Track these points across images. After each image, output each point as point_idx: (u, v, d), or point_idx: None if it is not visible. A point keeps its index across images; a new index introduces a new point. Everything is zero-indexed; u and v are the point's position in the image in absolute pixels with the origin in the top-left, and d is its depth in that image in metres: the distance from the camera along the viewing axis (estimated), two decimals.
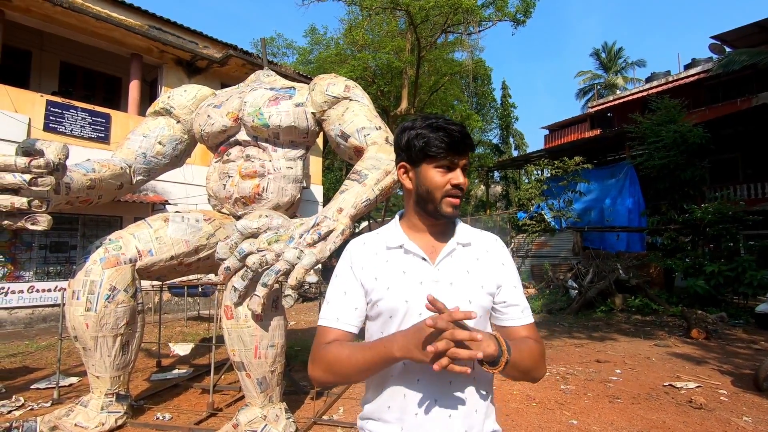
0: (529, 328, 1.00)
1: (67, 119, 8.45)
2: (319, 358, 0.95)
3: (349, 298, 0.99)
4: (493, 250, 1.05)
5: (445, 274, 0.97)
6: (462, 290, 0.96)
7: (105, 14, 8.73)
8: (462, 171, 0.98)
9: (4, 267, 7.81)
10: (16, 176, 2.38)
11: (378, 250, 1.02)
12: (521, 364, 0.90)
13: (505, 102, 26.90)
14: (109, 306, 2.79)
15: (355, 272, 1.01)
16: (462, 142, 0.96)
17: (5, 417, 3.13)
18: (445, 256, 0.99)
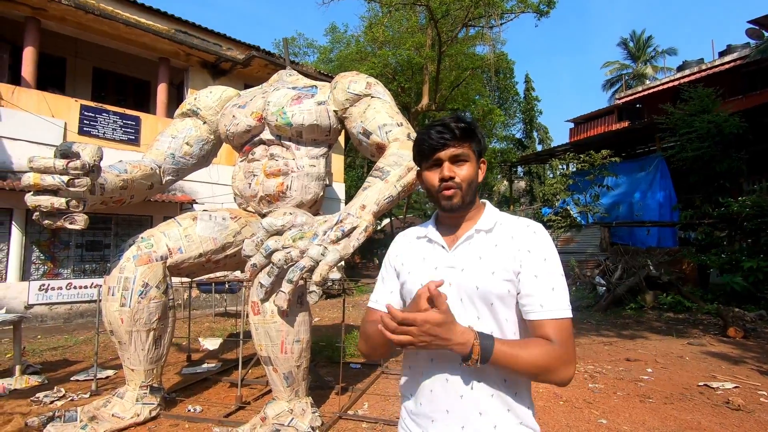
0: (554, 326, 0.92)
1: (100, 123, 8.79)
2: (362, 332, 1.10)
3: (386, 283, 1.13)
4: (519, 237, 1.00)
5: (459, 260, 1.01)
6: (470, 276, 0.97)
7: (134, 20, 9.02)
8: (453, 162, 1.01)
9: (44, 265, 8.22)
10: (55, 178, 2.49)
11: (411, 240, 1.14)
12: (511, 366, 0.88)
13: (528, 95, 26.36)
14: (142, 302, 2.90)
15: (390, 260, 1.14)
16: (440, 136, 0.99)
17: (48, 407, 3.30)
18: (461, 243, 1.03)
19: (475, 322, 0.96)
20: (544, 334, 0.92)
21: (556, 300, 0.94)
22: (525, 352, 0.88)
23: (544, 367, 0.88)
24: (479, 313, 0.97)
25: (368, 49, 15.67)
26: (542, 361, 0.88)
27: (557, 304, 0.94)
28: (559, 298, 0.95)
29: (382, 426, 2.99)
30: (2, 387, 3.79)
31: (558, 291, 0.96)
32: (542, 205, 14.29)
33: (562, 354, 0.89)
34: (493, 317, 0.97)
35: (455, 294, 0.98)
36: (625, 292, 8.62)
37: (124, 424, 2.82)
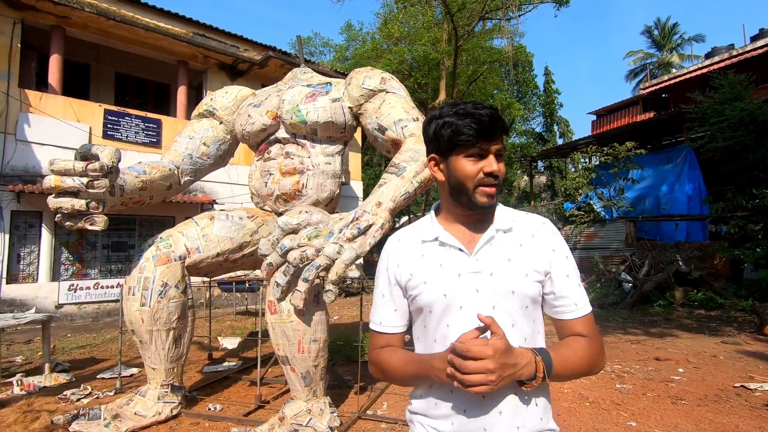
0: (584, 322, 0.94)
1: (123, 126, 9.00)
2: (374, 361, 1.02)
3: (388, 301, 1.01)
4: (539, 235, 0.96)
5: (485, 264, 0.92)
6: (503, 280, 0.90)
7: (153, 24, 9.19)
8: (496, 157, 0.92)
9: (73, 265, 8.48)
10: (74, 180, 2.53)
11: (413, 244, 1.00)
12: (568, 372, 0.88)
13: (548, 88, 25.80)
14: (162, 301, 2.92)
15: (390, 273, 1.01)
16: (492, 126, 0.89)
17: (75, 404, 3.38)
18: (483, 245, 0.94)
19: (509, 330, 0.89)
20: (579, 332, 0.93)
21: (584, 296, 0.96)
22: (574, 355, 0.89)
23: (590, 365, 0.90)
24: (513, 320, 0.91)
25: (384, 46, 15.60)
26: (588, 359, 0.90)
27: (585, 300, 0.95)
28: (584, 293, 0.96)
29: (402, 426, 2.94)
30: (32, 385, 3.90)
31: (581, 287, 0.97)
32: (564, 200, 13.97)
33: (600, 346, 0.93)
34: (526, 322, 0.93)
35: (486, 301, 0.90)
36: (653, 288, 8.33)
37: (146, 422, 2.85)
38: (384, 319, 1.01)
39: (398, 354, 0.97)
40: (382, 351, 0.99)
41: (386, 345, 1.00)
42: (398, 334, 1.02)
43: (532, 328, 0.93)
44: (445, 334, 0.92)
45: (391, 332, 1.01)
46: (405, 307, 1.00)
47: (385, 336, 1.01)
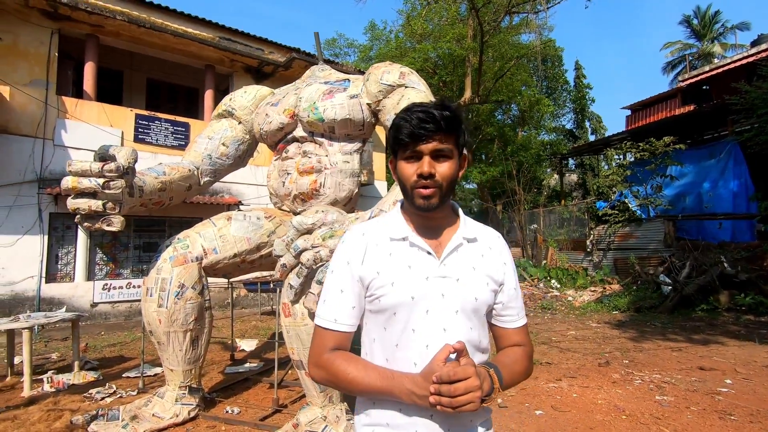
0: (523, 331, 1.04)
1: (153, 130, 9.25)
2: (323, 364, 0.93)
3: (346, 296, 0.96)
4: (495, 248, 1.02)
5: (452, 270, 0.94)
6: (469, 287, 0.94)
7: (182, 30, 9.40)
8: (436, 158, 0.90)
9: (107, 266, 8.77)
10: (91, 180, 2.53)
11: (380, 241, 0.97)
12: (513, 382, 0.95)
13: (579, 83, 24.94)
14: (179, 302, 2.91)
15: (352, 267, 0.95)
16: (420, 127, 0.88)
17: (98, 403, 3.42)
18: (451, 251, 0.95)
19: (468, 332, 0.93)
20: (518, 339, 1.02)
21: (523, 307, 1.05)
22: (516, 365, 0.96)
23: (528, 372, 0.99)
24: (472, 324, 0.94)
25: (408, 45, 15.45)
26: (527, 367, 0.99)
27: (524, 310, 1.05)
28: (523, 304, 1.06)
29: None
30: (62, 382, 4.00)
31: (521, 298, 1.06)
32: (596, 199, 13.39)
33: (532, 353, 1.03)
34: (480, 326, 0.97)
35: (450, 306, 0.92)
36: (695, 291, 7.82)
37: (164, 424, 2.83)
38: (339, 315, 0.95)
39: (358, 364, 0.91)
40: (337, 356, 0.93)
41: (337, 346, 0.94)
42: (350, 334, 0.97)
43: (484, 331, 0.99)
44: (410, 340, 0.90)
45: (344, 331, 0.95)
46: (362, 306, 0.97)
47: (338, 335, 0.95)
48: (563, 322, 7.31)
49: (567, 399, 3.54)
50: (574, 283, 10.47)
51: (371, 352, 0.96)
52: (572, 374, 4.24)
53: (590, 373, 4.28)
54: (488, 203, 17.24)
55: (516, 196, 13.90)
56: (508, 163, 15.06)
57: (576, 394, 3.64)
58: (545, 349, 5.34)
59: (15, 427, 2.90)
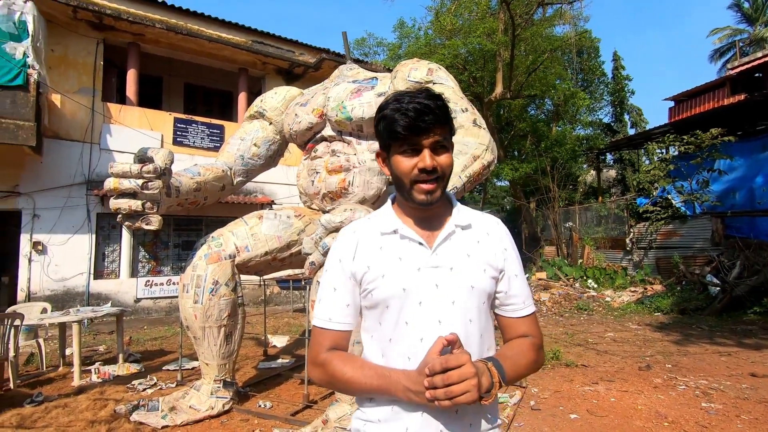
0: (530, 320, 0.97)
1: (190, 133, 9.61)
2: (320, 364, 0.91)
3: (340, 294, 0.93)
4: (494, 233, 0.97)
5: (445, 259, 0.90)
6: (463, 275, 0.90)
7: (216, 36, 9.71)
8: (434, 150, 0.87)
9: (149, 263, 9.20)
10: (131, 181, 2.65)
11: (370, 236, 0.95)
12: (518, 375, 0.90)
13: (617, 75, 23.88)
14: (213, 299, 3.00)
15: (344, 265, 0.94)
16: (418, 119, 0.84)
17: (140, 394, 3.59)
18: (443, 240, 0.92)
19: (467, 325, 0.89)
20: (524, 330, 0.95)
21: (530, 296, 0.99)
22: (522, 357, 0.90)
23: (537, 364, 0.93)
24: (470, 316, 0.89)
25: (437, 41, 15.29)
26: (534, 360, 0.92)
27: (531, 299, 0.99)
28: (530, 292, 0.99)
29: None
30: (107, 373, 4.22)
31: (527, 285, 0.99)
32: (636, 195, 12.81)
33: (541, 344, 0.97)
34: (480, 318, 0.92)
35: (445, 297, 0.88)
36: (747, 293, 7.33)
37: (200, 416, 2.94)
38: (335, 314, 0.92)
39: (355, 363, 0.88)
40: (334, 356, 0.90)
41: (334, 345, 0.92)
42: (347, 333, 0.93)
43: (486, 324, 0.94)
44: (403, 333, 0.88)
45: (340, 329, 0.92)
46: (358, 303, 0.94)
47: (334, 334, 0.92)
48: (600, 323, 7.04)
49: (604, 403, 3.41)
50: (613, 283, 10.06)
51: (369, 348, 0.94)
52: (610, 378, 4.07)
53: (629, 377, 4.10)
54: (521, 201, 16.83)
55: (550, 193, 13.50)
56: (541, 159, 14.62)
57: (614, 399, 3.49)
58: (581, 351, 5.16)
59: (65, 414, 3.09)
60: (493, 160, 2.88)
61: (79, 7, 7.88)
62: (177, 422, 2.84)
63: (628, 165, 20.96)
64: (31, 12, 6.84)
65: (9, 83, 6.58)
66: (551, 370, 4.36)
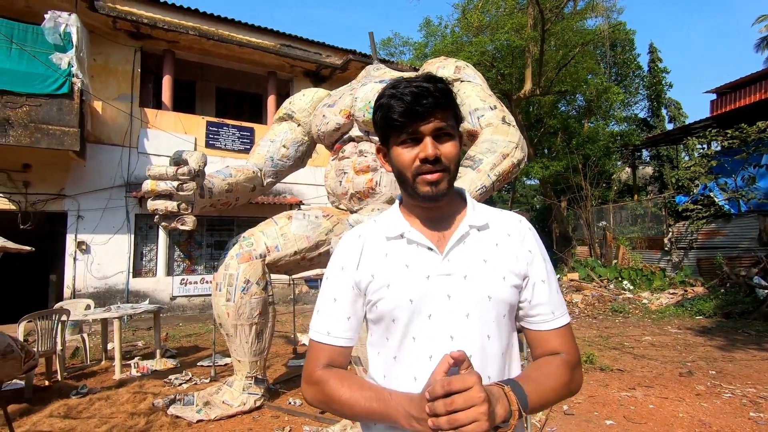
0: (562, 334, 0.82)
1: (222, 136, 9.90)
2: (315, 382, 0.81)
3: (340, 306, 0.84)
4: (516, 234, 0.84)
5: (458, 266, 0.79)
6: (479, 284, 0.78)
7: (246, 40, 9.95)
8: (436, 138, 0.78)
9: (184, 262, 9.52)
10: (167, 183, 2.75)
11: (375, 241, 0.84)
12: (545, 402, 0.75)
13: (653, 68, 22.93)
14: (245, 297, 3.07)
15: (347, 273, 0.84)
16: (416, 104, 0.75)
17: (176, 388, 3.72)
18: (455, 244, 0.80)
19: (484, 341, 0.77)
20: (556, 345, 0.81)
21: (562, 304, 0.84)
22: (550, 380, 0.76)
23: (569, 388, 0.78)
24: (489, 331, 0.77)
25: (464, 39, 15.12)
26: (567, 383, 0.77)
27: (563, 308, 0.84)
28: (562, 301, 0.85)
29: None
30: (146, 368, 4.40)
31: (559, 293, 0.85)
32: (675, 193, 12.25)
33: (577, 362, 0.82)
34: (502, 333, 0.79)
35: (458, 309, 0.77)
36: None
37: (232, 411, 3.02)
38: (333, 327, 0.83)
39: (353, 384, 0.77)
40: (330, 374, 0.79)
41: (331, 362, 0.82)
42: (346, 348, 0.83)
43: (508, 341, 0.81)
44: (410, 350, 0.78)
45: (338, 345, 0.82)
46: (360, 316, 0.84)
47: (331, 349, 0.82)
48: (637, 326, 6.77)
49: (642, 410, 3.27)
50: (650, 285, 9.66)
51: (374, 367, 0.84)
52: (648, 383, 3.91)
53: (669, 383, 3.92)
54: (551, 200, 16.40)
55: (582, 191, 13.09)
56: (573, 156, 14.21)
57: (653, 405, 3.35)
58: (616, 355, 4.98)
59: (108, 406, 3.24)
60: (523, 158, 2.82)
61: (118, 17, 8.25)
62: (211, 417, 2.93)
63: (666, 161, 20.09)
64: (75, 24, 7.22)
65: (55, 92, 6.96)
66: (585, 374, 4.22)
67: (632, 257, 11.17)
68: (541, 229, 4.57)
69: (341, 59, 11.03)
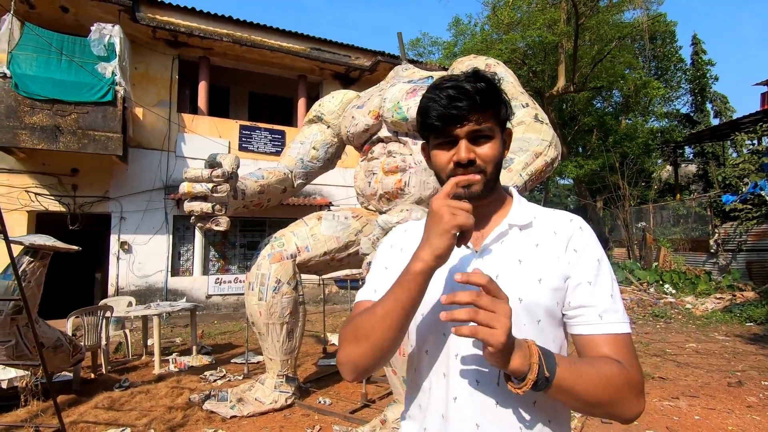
0: (614, 342, 0.71)
1: (254, 139, 10.16)
2: (343, 334, 0.78)
3: (391, 272, 0.82)
4: (562, 232, 0.79)
5: (491, 264, 0.76)
6: (510, 285, 0.71)
7: (277, 45, 10.18)
8: (473, 140, 0.77)
9: (218, 262, 9.83)
10: (202, 185, 2.84)
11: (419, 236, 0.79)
12: (578, 392, 0.65)
13: (696, 60, 21.78)
14: (276, 296, 3.13)
15: (394, 251, 0.87)
16: (451, 107, 0.74)
17: (211, 384, 3.84)
18: (492, 241, 0.79)
19: None
20: (609, 353, 0.71)
21: (618, 309, 0.74)
22: (594, 372, 0.66)
23: (614, 394, 0.67)
24: (523, 335, 0.70)
25: (494, 37, 14.87)
26: (615, 387, 0.67)
27: (620, 314, 0.74)
28: (619, 307, 0.74)
29: None
30: (183, 364, 4.56)
31: (617, 299, 0.75)
32: (722, 192, 11.57)
33: (635, 379, 0.69)
34: (540, 338, 0.71)
35: None
36: None
37: (264, 408, 3.08)
38: (380, 287, 0.82)
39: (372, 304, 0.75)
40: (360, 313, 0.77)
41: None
42: None
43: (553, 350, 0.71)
44: (439, 347, 0.78)
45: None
46: None
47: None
48: (680, 332, 6.44)
49: (686, 421, 3.10)
50: (694, 289, 9.16)
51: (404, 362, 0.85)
52: (693, 393, 3.70)
53: (717, 393, 3.70)
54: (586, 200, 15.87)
55: (620, 191, 12.59)
56: (609, 155, 13.70)
57: (698, 416, 3.17)
58: (658, 362, 4.74)
59: (148, 400, 3.38)
60: (556, 157, 2.74)
61: (158, 27, 8.63)
62: (244, 413, 3.00)
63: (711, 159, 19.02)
64: (118, 35, 7.60)
65: (100, 100, 7.35)
66: None
67: (674, 260, 10.64)
68: None
69: (370, 61, 11.09)
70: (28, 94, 6.93)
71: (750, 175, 10.34)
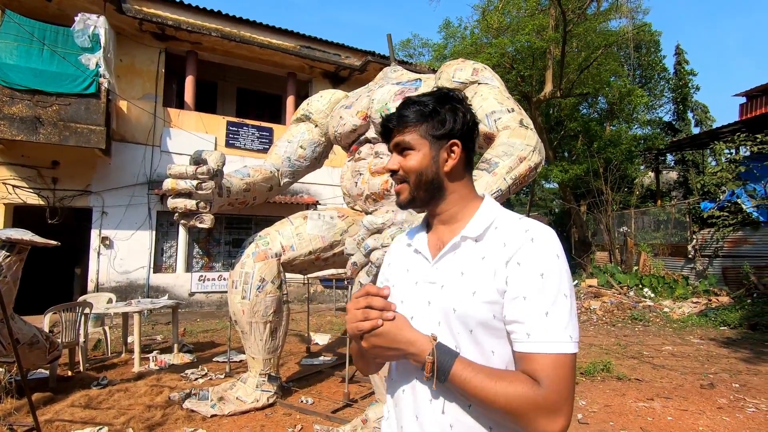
0: (540, 361, 0.70)
1: (241, 135, 10.06)
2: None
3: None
4: (511, 245, 0.77)
5: (441, 275, 0.83)
6: (449, 295, 0.79)
7: (266, 42, 10.10)
8: (399, 151, 0.88)
9: (202, 259, 9.71)
10: (187, 182, 2.82)
11: (402, 245, 0.97)
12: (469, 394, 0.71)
13: (679, 70, 22.30)
14: (260, 295, 3.12)
15: (384, 269, 0.99)
16: (384, 123, 0.90)
17: (192, 383, 3.80)
18: (446, 253, 0.84)
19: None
20: (531, 371, 0.71)
21: (551, 328, 0.71)
22: (493, 385, 0.70)
23: (515, 411, 0.68)
24: (457, 342, 0.78)
25: (484, 40, 14.99)
26: (514, 403, 0.68)
27: (551, 334, 0.71)
28: (554, 325, 0.71)
29: None
30: (164, 362, 4.50)
31: (554, 317, 0.72)
32: (701, 199, 11.89)
33: (546, 400, 0.68)
34: (475, 347, 0.77)
35: (434, 315, 0.81)
36: None
37: (246, 407, 3.06)
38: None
39: None
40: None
41: None
42: None
43: (485, 358, 0.76)
44: None
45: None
46: None
47: None
48: (657, 335, 6.60)
49: (660, 421, 3.19)
50: (672, 293, 9.40)
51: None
52: (667, 394, 3.81)
53: (690, 394, 3.81)
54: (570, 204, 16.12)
55: (603, 195, 12.83)
56: (593, 160, 13.94)
57: (671, 417, 3.26)
58: (635, 364, 4.86)
59: (126, 398, 3.33)
60: (540, 162, 2.79)
61: (144, 19, 8.48)
62: (225, 412, 2.98)
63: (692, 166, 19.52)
64: (103, 26, 7.45)
65: (83, 92, 7.20)
66: (601, 382, 4.14)
67: (654, 264, 10.90)
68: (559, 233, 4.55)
69: (360, 60, 11.09)
70: (8, 83, 6.75)
71: (727, 183, 10.64)
